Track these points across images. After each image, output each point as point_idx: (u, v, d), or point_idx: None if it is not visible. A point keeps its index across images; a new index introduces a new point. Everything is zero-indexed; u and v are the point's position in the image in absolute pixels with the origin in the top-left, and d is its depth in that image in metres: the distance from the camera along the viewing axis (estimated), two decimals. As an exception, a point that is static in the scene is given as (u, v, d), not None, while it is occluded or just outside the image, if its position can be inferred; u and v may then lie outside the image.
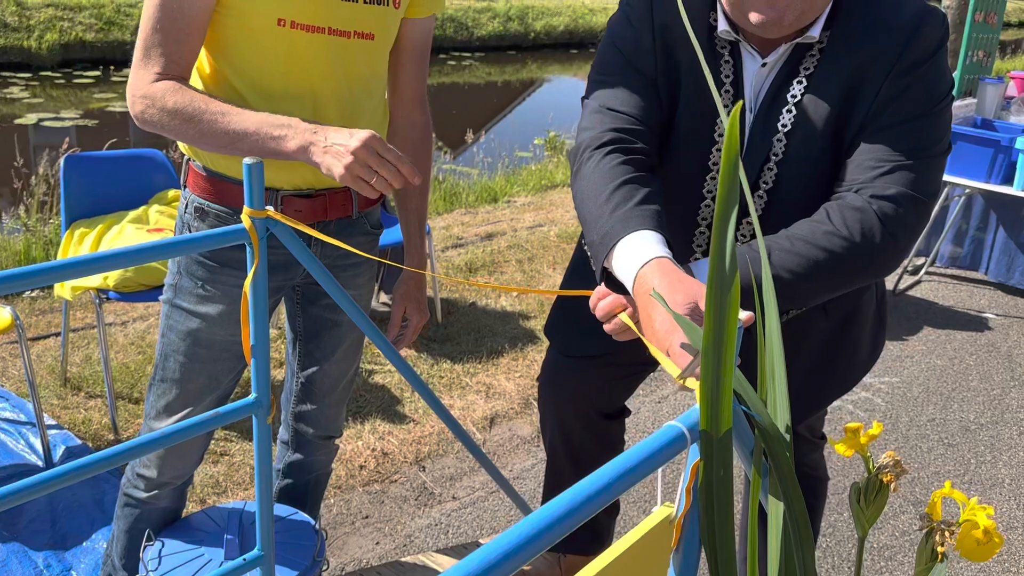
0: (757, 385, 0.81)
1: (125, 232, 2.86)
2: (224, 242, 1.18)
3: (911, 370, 3.65)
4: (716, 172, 1.45)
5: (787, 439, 0.77)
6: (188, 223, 1.57)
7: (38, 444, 2.63)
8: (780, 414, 0.77)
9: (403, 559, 2.13)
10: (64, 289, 2.76)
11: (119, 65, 11.96)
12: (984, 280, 4.73)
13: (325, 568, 1.87)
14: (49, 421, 2.78)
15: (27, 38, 11.42)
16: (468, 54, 15.62)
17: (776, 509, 0.76)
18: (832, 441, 0.83)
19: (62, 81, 10.97)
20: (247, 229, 1.18)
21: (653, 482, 2.76)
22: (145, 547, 1.68)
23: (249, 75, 1.47)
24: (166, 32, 1.39)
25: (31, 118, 9.05)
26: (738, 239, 1.45)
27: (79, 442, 2.69)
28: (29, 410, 2.81)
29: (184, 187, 1.59)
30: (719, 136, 1.43)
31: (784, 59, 1.35)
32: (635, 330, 1.18)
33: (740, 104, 0.61)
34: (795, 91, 1.35)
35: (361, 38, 1.50)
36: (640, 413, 3.15)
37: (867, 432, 0.80)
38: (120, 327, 3.55)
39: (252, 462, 2.67)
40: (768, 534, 0.77)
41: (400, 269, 2.25)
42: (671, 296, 1.09)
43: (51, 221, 4.64)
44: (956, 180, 4.03)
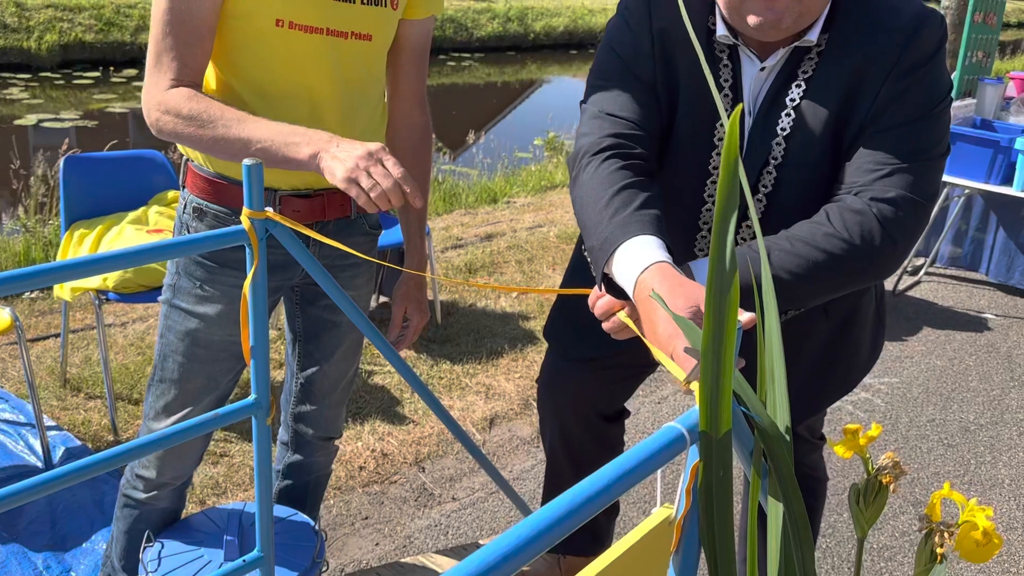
0: (757, 386, 0.81)
1: (125, 233, 2.86)
2: (224, 243, 1.18)
3: (911, 370, 3.65)
4: (717, 176, 1.45)
5: (787, 440, 0.77)
6: (187, 223, 1.57)
7: (38, 445, 2.63)
8: (780, 415, 0.77)
9: (403, 560, 2.13)
10: (64, 290, 2.76)
11: (119, 66, 11.96)
12: (984, 280, 4.74)
13: (325, 569, 1.87)
14: (49, 422, 2.78)
15: (27, 39, 11.42)
16: (468, 55, 15.63)
17: (776, 510, 0.76)
18: (831, 442, 0.83)
19: (62, 82, 10.97)
20: (246, 230, 1.18)
21: (653, 483, 2.76)
22: (145, 548, 1.68)
23: (247, 76, 1.47)
24: (176, 36, 1.39)
25: (31, 119, 9.05)
26: (738, 242, 1.45)
27: (79, 443, 2.69)
28: (29, 411, 2.81)
29: (183, 187, 1.59)
30: (719, 140, 1.42)
31: (782, 63, 1.35)
32: (634, 328, 1.18)
33: (740, 108, 0.61)
34: (794, 94, 1.35)
35: (359, 39, 1.50)
36: (640, 414, 3.15)
37: (866, 434, 0.80)
38: (120, 328, 3.55)
39: (252, 463, 2.67)
40: (768, 535, 0.77)
41: (400, 271, 2.25)
42: (672, 300, 1.09)
43: (51, 222, 4.64)
44: (956, 180, 4.03)
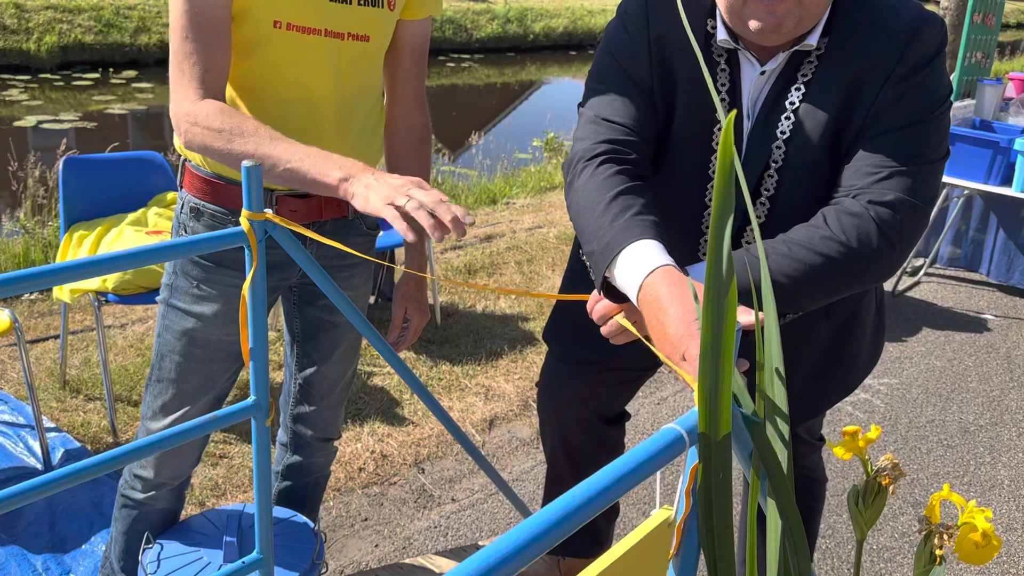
0: (756, 388, 0.81)
1: (124, 235, 2.86)
2: (223, 245, 1.18)
3: (910, 371, 3.65)
4: None
5: (786, 442, 0.77)
6: (184, 223, 1.57)
7: (37, 447, 2.63)
8: (779, 417, 0.77)
9: (402, 561, 2.13)
10: (63, 292, 2.76)
11: (118, 67, 11.97)
12: (983, 281, 4.74)
13: (324, 570, 1.86)
14: (48, 424, 2.78)
15: (26, 40, 11.42)
16: (467, 56, 15.63)
17: (775, 511, 0.76)
18: (830, 444, 0.83)
19: (61, 83, 10.97)
20: (245, 232, 1.18)
21: (653, 484, 2.76)
22: (144, 550, 1.67)
23: (246, 77, 1.46)
24: (196, 40, 1.37)
25: (30, 120, 9.05)
26: (742, 246, 1.45)
27: (78, 445, 2.69)
28: (28, 413, 2.81)
29: (180, 188, 1.59)
30: (717, 144, 1.42)
31: (782, 66, 1.35)
32: (632, 331, 1.18)
33: (734, 113, 0.61)
34: (793, 98, 1.35)
35: (356, 40, 1.50)
36: (639, 415, 3.15)
37: (865, 435, 0.80)
38: (119, 329, 3.55)
39: (251, 464, 2.67)
40: (767, 536, 0.77)
41: (395, 268, 2.25)
42: (682, 301, 1.09)
43: (50, 223, 4.64)
44: (955, 181, 4.03)
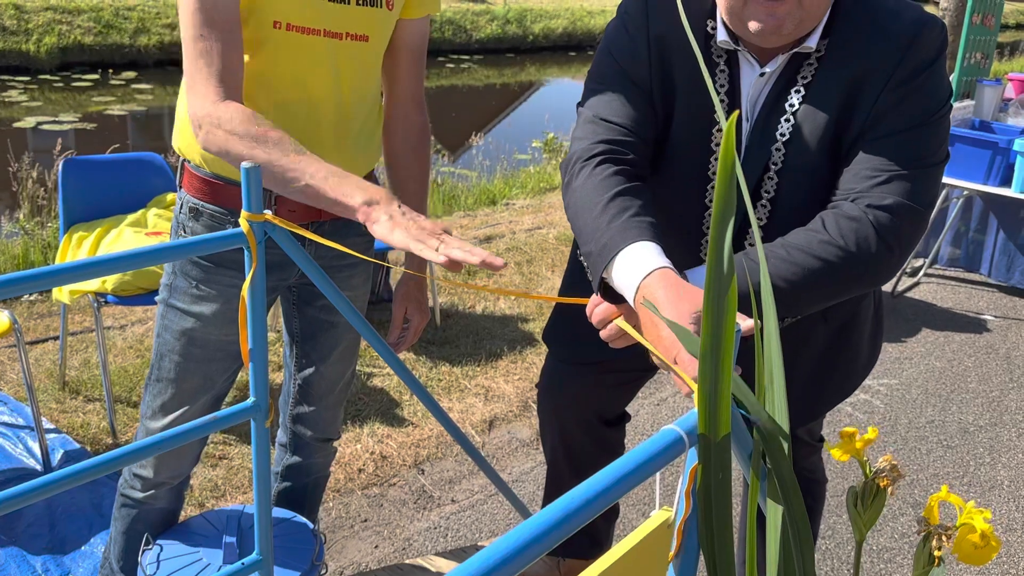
0: (756, 389, 0.81)
1: (123, 236, 2.86)
2: (222, 246, 1.18)
3: (910, 372, 3.65)
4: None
5: (786, 442, 0.77)
6: (183, 223, 1.57)
7: (36, 448, 2.63)
8: (779, 417, 0.77)
9: (402, 562, 2.13)
10: (62, 293, 2.76)
11: (118, 68, 11.97)
12: (982, 282, 4.74)
13: (324, 572, 1.86)
14: (47, 425, 2.78)
15: (25, 41, 11.42)
16: (467, 57, 15.63)
17: (775, 512, 0.76)
18: (828, 445, 0.83)
19: (60, 84, 10.96)
20: (245, 233, 1.18)
21: (653, 485, 2.76)
22: (143, 551, 1.67)
23: (246, 78, 1.46)
24: (210, 38, 1.36)
25: (29, 121, 9.05)
26: (744, 248, 1.45)
27: (77, 446, 2.69)
28: (27, 414, 2.81)
29: (179, 188, 1.59)
30: (716, 145, 1.42)
31: (781, 68, 1.35)
32: (632, 334, 1.18)
33: (736, 115, 0.61)
34: (793, 100, 1.34)
35: (355, 40, 1.50)
36: (639, 416, 3.15)
37: (862, 437, 0.80)
38: (118, 331, 3.55)
39: (250, 465, 2.67)
40: (767, 537, 0.77)
41: (391, 268, 2.25)
42: (676, 306, 1.09)
43: (49, 224, 4.64)
44: (954, 182, 4.04)
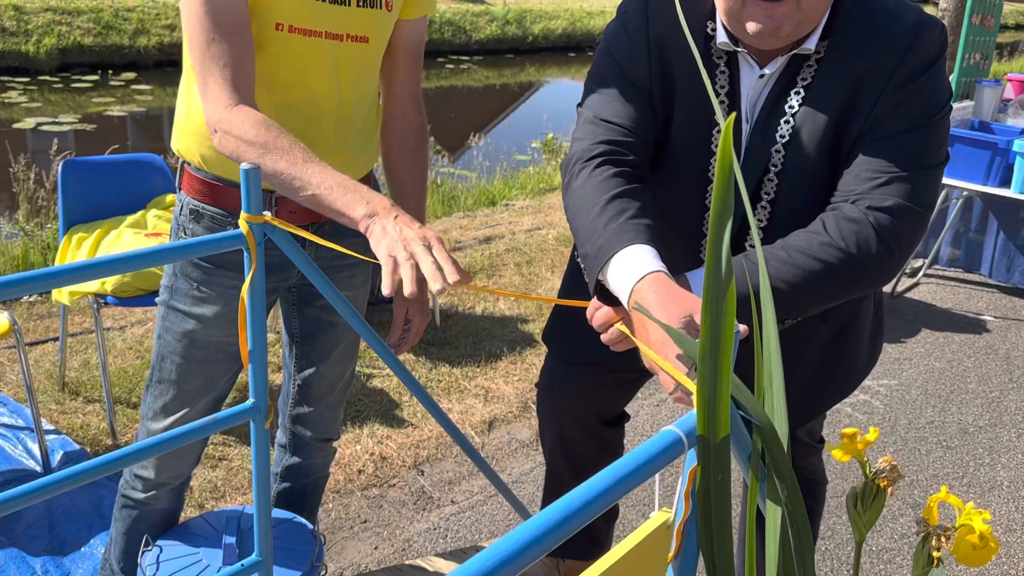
0: (755, 390, 0.81)
1: (123, 237, 2.86)
2: (222, 248, 1.18)
3: (909, 372, 3.65)
4: None
5: (785, 443, 0.77)
6: (183, 225, 1.57)
7: (36, 449, 2.63)
8: (778, 418, 0.77)
9: (402, 563, 2.13)
10: (62, 294, 2.76)
11: (117, 69, 11.96)
12: (982, 282, 4.74)
13: (323, 573, 1.86)
14: (47, 426, 2.78)
15: (25, 42, 11.42)
16: (466, 58, 15.63)
17: (774, 513, 0.76)
18: (829, 446, 0.83)
19: (60, 85, 10.96)
20: (244, 234, 1.18)
21: (652, 486, 2.76)
22: (143, 552, 1.67)
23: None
24: (220, 40, 1.35)
25: (29, 122, 9.05)
26: (745, 249, 1.45)
27: (77, 447, 2.69)
28: (27, 415, 2.81)
29: (179, 190, 1.59)
30: (716, 147, 1.42)
31: (781, 70, 1.35)
32: (633, 339, 1.18)
33: (733, 116, 0.61)
34: (792, 102, 1.34)
35: (355, 41, 1.50)
36: (639, 417, 3.15)
37: (863, 438, 0.80)
38: (118, 332, 3.55)
39: (250, 466, 2.67)
40: (766, 538, 0.77)
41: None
42: (666, 309, 1.09)
43: (49, 225, 4.63)
44: (954, 182, 4.04)
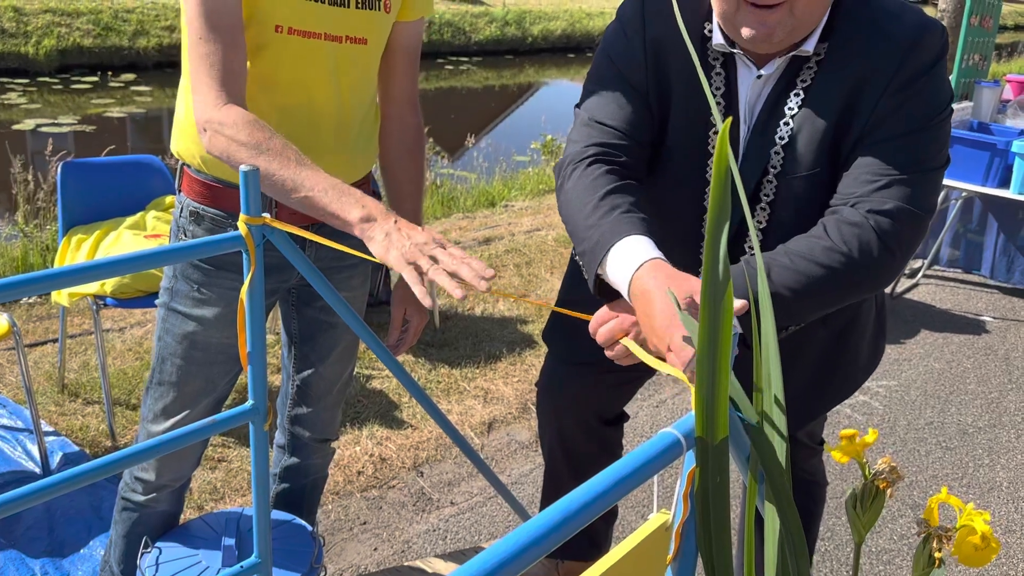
0: (753, 392, 0.81)
1: (122, 238, 2.86)
2: (221, 249, 1.18)
3: (909, 373, 3.65)
4: None
5: (783, 446, 0.77)
6: (183, 227, 1.57)
7: (35, 451, 2.63)
8: (776, 420, 0.77)
9: (401, 565, 2.13)
10: (61, 296, 2.76)
11: (117, 71, 11.96)
12: (981, 283, 4.74)
13: (323, 574, 1.86)
14: (46, 428, 2.77)
15: (24, 44, 11.42)
16: (466, 59, 15.64)
17: (773, 515, 0.76)
18: (828, 447, 0.83)
19: (60, 87, 10.96)
20: (243, 236, 1.18)
21: (651, 487, 2.75)
22: (142, 554, 1.67)
23: (248, 83, 1.46)
24: (213, 41, 1.35)
25: (29, 124, 9.05)
26: (745, 251, 1.45)
27: (77, 448, 2.69)
28: (26, 417, 2.81)
29: (179, 191, 1.59)
30: (712, 148, 1.42)
31: (781, 71, 1.35)
32: (638, 353, 1.18)
33: (730, 120, 0.61)
34: (792, 103, 1.34)
35: (354, 43, 1.51)
36: (638, 418, 3.15)
37: (862, 439, 0.80)
38: (118, 333, 3.55)
39: (249, 468, 2.67)
40: (765, 540, 0.77)
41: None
42: (666, 292, 1.10)
43: (48, 227, 4.63)
44: (953, 183, 4.04)
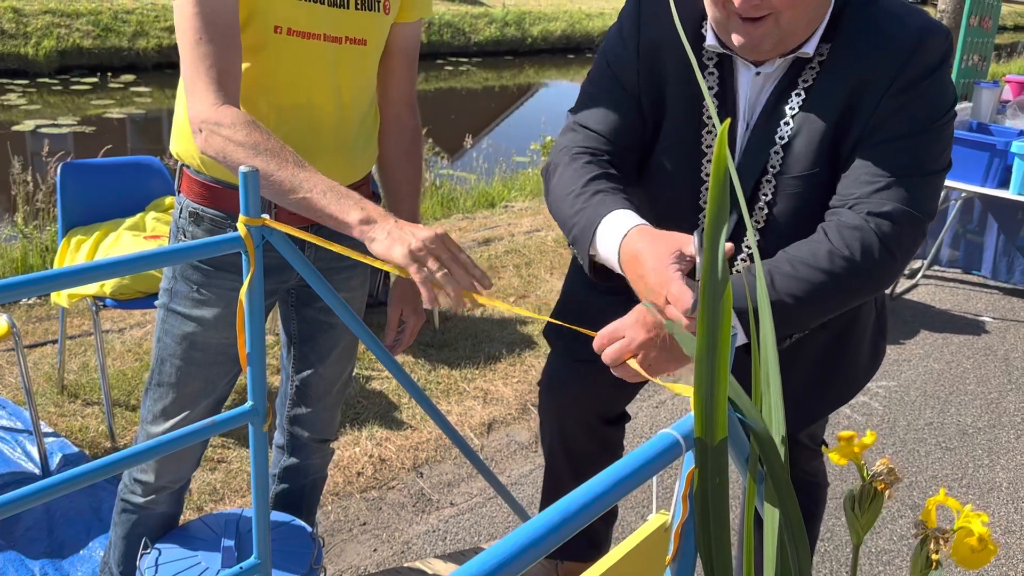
0: (752, 393, 0.81)
1: (122, 239, 2.86)
2: (220, 250, 1.18)
3: (908, 374, 3.65)
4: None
5: (783, 446, 0.77)
6: (183, 228, 1.57)
7: (35, 452, 2.62)
8: (775, 421, 0.77)
9: (401, 566, 2.13)
10: (61, 297, 2.76)
11: (116, 72, 11.96)
12: (981, 283, 4.74)
13: (322, 575, 1.86)
14: (46, 429, 2.77)
15: (24, 45, 11.41)
16: (465, 59, 15.63)
17: (772, 516, 0.76)
18: (826, 449, 0.83)
19: (59, 88, 10.96)
20: (243, 237, 1.18)
21: (651, 487, 2.75)
22: (142, 555, 1.67)
23: (246, 83, 1.46)
24: (210, 41, 1.35)
25: (28, 125, 9.05)
26: (742, 251, 1.45)
27: (76, 450, 2.69)
28: (26, 418, 2.80)
29: (178, 192, 1.59)
30: (707, 147, 1.42)
31: (783, 71, 1.35)
32: (643, 373, 1.18)
33: (728, 121, 0.61)
34: (793, 103, 1.34)
35: (353, 44, 1.51)
36: (638, 418, 3.15)
37: (860, 441, 0.80)
38: (117, 334, 3.55)
39: (249, 469, 2.67)
40: (764, 540, 0.77)
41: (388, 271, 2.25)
42: (655, 248, 1.14)
43: (48, 228, 4.63)
44: (952, 184, 4.04)
